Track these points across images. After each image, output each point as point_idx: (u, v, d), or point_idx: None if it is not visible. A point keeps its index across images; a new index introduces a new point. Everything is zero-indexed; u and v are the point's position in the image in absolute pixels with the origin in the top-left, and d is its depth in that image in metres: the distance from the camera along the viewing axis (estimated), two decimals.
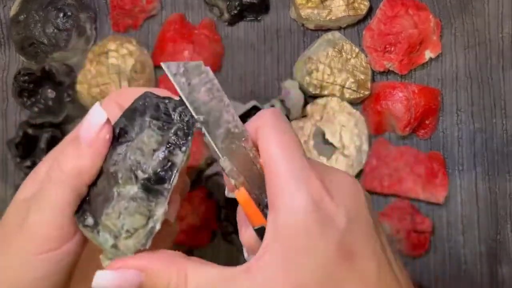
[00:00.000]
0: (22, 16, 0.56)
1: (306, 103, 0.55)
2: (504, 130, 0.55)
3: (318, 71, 0.54)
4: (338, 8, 0.54)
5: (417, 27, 0.54)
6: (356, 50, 0.55)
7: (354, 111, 0.55)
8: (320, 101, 0.55)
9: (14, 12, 0.57)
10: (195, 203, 0.54)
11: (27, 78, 0.56)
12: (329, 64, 0.54)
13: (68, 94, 0.56)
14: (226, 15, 0.57)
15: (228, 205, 0.54)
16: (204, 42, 0.56)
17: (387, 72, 0.56)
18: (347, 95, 0.54)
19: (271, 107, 0.54)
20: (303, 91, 0.55)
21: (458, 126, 0.55)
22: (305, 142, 0.54)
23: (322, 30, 0.56)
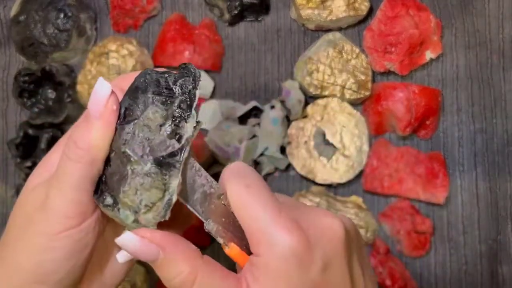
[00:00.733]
0: (23, 17, 0.56)
1: (307, 103, 0.55)
2: (505, 130, 0.55)
3: (318, 71, 0.54)
4: (339, 9, 0.54)
5: (417, 27, 0.54)
6: (357, 51, 0.55)
7: (355, 112, 0.55)
8: (321, 101, 0.55)
9: (15, 13, 0.57)
10: None
11: (27, 78, 0.56)
12: (329, 65, 0.54)
13: (69, 95, 0.56)
14: (227, 15, 0.57)
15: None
16: (204, 43, 0.56)
17: (388, 73, 0.56)
18: (347, 96, 0.54)
19: (271, 107, 0.54)
20: (304, 92, 0.55)
21: (458, 126, 0.55)
22: (305, 142, 0.54)
23: (322, 30, 0.56)
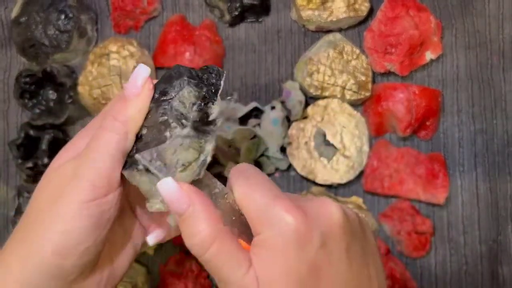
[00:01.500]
0: (24, 18, 0.56)
1: (307, 104, 0.55)
2: (505, 131, 0.55)
3: (319, 72, 0.54)
4: (339, 10, 0.54)
5: (417, 28, 0.54)
6: (357, 52, 0.55)
7: (355, 112, 0.55)
8: (321, 102, 0.55)
9: (16, 14, 0.57)
10: None
11: (28, 79, 0.56)
12: (330, 66, 0.54)
13: (70, 96, 0.56)
14: (227, 16, 0.57)
15: None
16: (205, 44, 0.56)
17: (388, 73, 0.56)
18: (347, 96, 0.54)
19: (271, 108, 0.54)
20: (304, 92, 0.55)
21: (459, 127, 0.55)
22: (305, 143, 0.54)
23: (323, 31, 0.57)
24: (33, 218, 0.31)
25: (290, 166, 0.55)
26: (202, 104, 0.32)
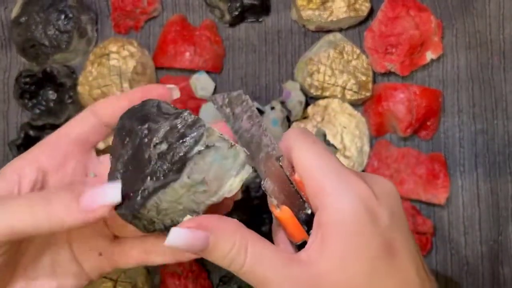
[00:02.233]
0: (24, 18, 0.56)
1: (307, 104, 0.55)
2: (506, 131, 0.55)
3: (319, 72, 0.54)
4: (339, 10, 0.54)
5: (418, 28, 0.54)
6: (357, 52, 0.55)
7: (355, 113, 0.55)
8: (321, 102, 0.55)
9: (16, 14, 0.57)
10: None
11: (28, 79, 0.56)
12: (330, 66, 0.54)
13: (69, 96, 0.56)
14: (227, 17, 0.57)
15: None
16: (205, 44, 0.56)
17: (388, 73, 0.56)
18: (348, 97, 0.54)
19: (271, 108, 0.54)
20: (304, 93, 0.55)
21: (459, 127, 0.55)
22: None
23: (323, 31, 0.56)
24: None
25: None
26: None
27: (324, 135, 0.54)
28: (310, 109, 0.55)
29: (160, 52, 0.56)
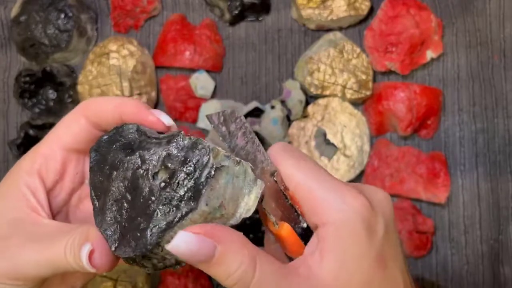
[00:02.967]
0: (23, 17, 0.56)
1: (307, 103, 0.55)
2: (506, 130, 0.55)
3: (319, 71, 0.54)
4: (339, 8, 0.54)
5: (418, 27, 0.54)
6: (358, 50, 0.54)
7: (356, 112, 0.54)
8: (322, 101, 0.55)
9: (15, 13, 0.57)
10: None
11: (28, 79, 0.56)
12: (330, 64, 0.54)
13: (69, 95, 0.56)
14: (227, 15, 0.57)
15: None
16: (205, 43, 0.56)
17: (389, 72, 0.56)
18: (348, 96, 0.54)
19: (271, 107, 0.54)
20: (304, 92, 0.55)
21: (459, 126, 0.55)
22: (306, 142, 0.54)
23: (323, 30, 0.56)
24: None
25: None
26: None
27: (324, 134, 0.54)
28: (310, 108, 0.55)
29: (160, 51, 0.56)
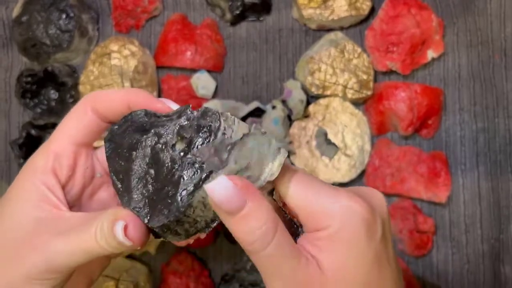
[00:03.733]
0: (25, 17, 0.56)
1: (308, 103, 0.55)
2: (507, 129, 0.55)
3: (320, 71, 0.54)
4: (340, 8, 0.54)
5: (419, 26, 0.54)
6: (359, 50, 0.55)
7: (357, 111, 0.55)
8: (323, 101, 0.55)
9: (17, 13, 0.57)
10: None
11: (30, 79, 0.56)
12: (331, 64, 0.54)
13: (71, 95, 0.56)
14: (228, 15, 0.57)
15: None
16: (206, 43, 0.56)
17: (390, 72, 0.56)
18: (349, 95, 0.54)
19: (272, 107, 0.54)
20: (305, 91, 0.55)
21: (460, 125, 0.55)
22: (307, 142, 0.54)
23: (324, 30, 0.56)
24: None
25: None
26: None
27: (325, 134, 0.54)
28: (311, 108, 0.55)
29: (161, 51, 0.56)
